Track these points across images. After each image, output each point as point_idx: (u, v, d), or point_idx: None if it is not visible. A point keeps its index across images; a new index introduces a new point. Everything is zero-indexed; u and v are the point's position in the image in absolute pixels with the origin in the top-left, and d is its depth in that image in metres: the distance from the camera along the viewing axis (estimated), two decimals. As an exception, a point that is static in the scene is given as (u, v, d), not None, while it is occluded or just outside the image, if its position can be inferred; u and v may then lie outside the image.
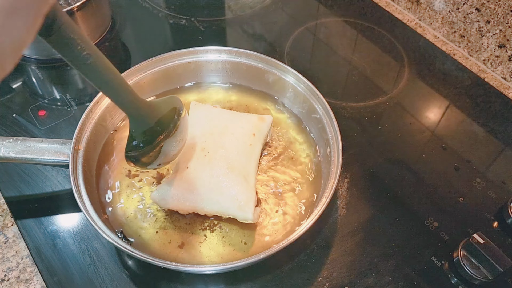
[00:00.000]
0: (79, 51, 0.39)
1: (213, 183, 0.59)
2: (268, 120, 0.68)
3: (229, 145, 0.63)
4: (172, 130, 0.53)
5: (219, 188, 0.59)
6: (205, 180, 0.59)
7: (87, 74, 0.43)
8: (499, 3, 0.82)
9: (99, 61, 0.43)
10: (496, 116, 0.80)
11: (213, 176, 0.60)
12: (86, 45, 0.40)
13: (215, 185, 0.59)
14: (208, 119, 0.67)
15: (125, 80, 0.48)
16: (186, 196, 0.59)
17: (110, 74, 0.45)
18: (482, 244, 0.57)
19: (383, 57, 0.91)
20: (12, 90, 0.82)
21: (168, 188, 0.60)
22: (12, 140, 0.61)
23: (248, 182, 0.60)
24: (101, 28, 0.91)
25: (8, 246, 0.62)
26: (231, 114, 0.69)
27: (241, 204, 0.58)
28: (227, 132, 0.64)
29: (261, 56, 0.74)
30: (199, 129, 0.65)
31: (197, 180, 0.60)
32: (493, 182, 0.70)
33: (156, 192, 0.60)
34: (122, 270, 0.59)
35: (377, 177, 0.70)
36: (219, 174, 0.60)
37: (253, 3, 1.03)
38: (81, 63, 0.41)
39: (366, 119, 0.79)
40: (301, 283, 0.58)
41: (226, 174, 0.60)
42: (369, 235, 0.63)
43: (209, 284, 0.59)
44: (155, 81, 0.75)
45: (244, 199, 0.58)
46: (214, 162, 0.61)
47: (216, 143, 0.63)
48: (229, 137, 0.64)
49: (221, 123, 0.66)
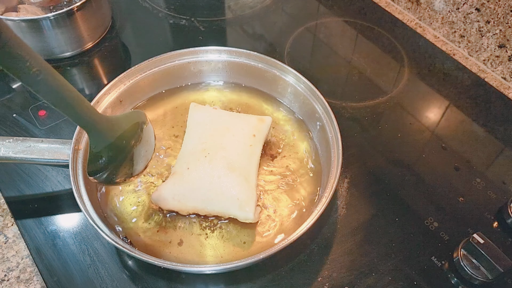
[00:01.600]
0: (28, 68, 0.38)
1: (214, 184, 0.59)
2: (267, 120, 0.68)
3: (229, 146, 0.63)
4: (135, 144, 0.53)
5: (220, 188, 0.59)
6: (206, 181, 0.59)
7: (38, 91, 0.41)
8: (499, 3, 0.82)
9: (51, 77, 0.41)
10: (496, 116, 0.80)
11: (213, 176, 0.60)
12: (36, 61, 0.38)
13: (216, 186, 0.59)
14: (208, 120, 0.67)
15: (81, 96, 0.46)
16: (186, 196, 0.59)
17: (64, 90, 0.43)
18: (482, 244, 0.57)
19: (383, 57, 0.91)
20: (12, 90, 0.82)
21: (169, 189, 0.60)
22: (12, 140, 0.61)
23: (248, 182, 0.60)
24: (101, 28, 0.91)
25: (8, 246, 0.62)
26: (230, 115, 0.69)
27: (242, 204, 0.58)
28: (228, 134, 0.64)
29: (261, 56, 0.74)
30: (199, 131, 0.65)
31: (197, 180, 0.60)
32: (493, 182, 0.70)
33: (157, 193, 0.60)
34: (122, 270, 0.59)
35: (377, 177, 0.70)
36: (220, 174, 0.60)
37: (253, 3, 1.03)
38: (31, 80, 0.39)
39: (366, 119, 0.79)
40: (301, 283, 0.58)
41: (226, 174, 0.60)
42: (369, 235, 0.63)
43: (209, 284, 0.59)
44: (155, 81, 0.75)
45: (244, 199, 0.58)
46: (214, 163, 0.61)
47: (217, 144, 0.63)
48: (229, 138, 0.64)
49: (221, 125, 0.66)
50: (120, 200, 0.63)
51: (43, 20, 0.79)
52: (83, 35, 0.86)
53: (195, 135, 0.65)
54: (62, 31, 0.82)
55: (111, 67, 0.89)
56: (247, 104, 0.76)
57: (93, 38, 0.90)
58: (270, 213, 0.63)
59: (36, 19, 0.79)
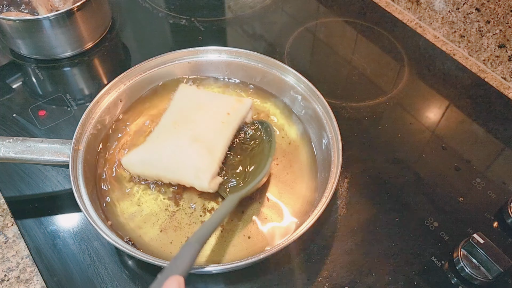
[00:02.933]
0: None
1: (176, 153, 0.62)
2: (246, 102, 0.69)
3: (200, 120, 0.66)
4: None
5: (181, 157, 0.61)
6: (170, 150, 0.62)
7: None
8: (499, 3, 0.82)
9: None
10: (496, 116, 0.80)
11: (177, 145, 0.62)
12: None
13: (178, 155, 0.62)
14: (190, 98, 0.70)
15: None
16: (152, 163, 0.62)
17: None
18: (482, 244, 0.57)
19: (383, 57, 0.91)
20: (12, 90, 0.82)
21: (137, 155, 0.63)
22: (12, 140, 0.61)
23: (211, 155, 0.62)
24: (101, 28, 0.91)
25: (8, 246, 0.62)
26: (213, 95, 0.72)
27: (198, 174, 0.60)
28: (202, 110, 0.67)
29: (261, 56, 0.74)
30: (179, 107, 0.68)
31: (163, 149, 0.63)
32: (493, 182, 0.70)
33: (126, 158, 0.64)
34: (122, 270, 0.59)
35: (377, 177, 0.70)
36: (183, 144, 0.62)
37: (253, 3, 1.03)
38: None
39: (366, 119, 0.79)
40: (301, 283, 0.58)
41: (189, 144, 0.62)
42: (369, 235, 0.63)
43: (209, 284, 0.59)
44: (155, 81, 0.75)
45: (202, 168, 0.60)
46: (181, 134, 0.64)
47: (187, 118, 0.66)
48: (202, 114, 0.66)
49: (200, 102, 0.69)
50: (120, 200, 0.63)
51: (43, 20, 0.79)
52: (83, 35, 0.86)
53: (174, 110, 0.68)
54: (62, 31, 0.82)
55: (111, 67, 0.89)
56: (247, 104, 0.76)
57: (93, 38, 0.90)
58: (270, 213, 0.63)
59: (36, 19, 0.79)
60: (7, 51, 0.89)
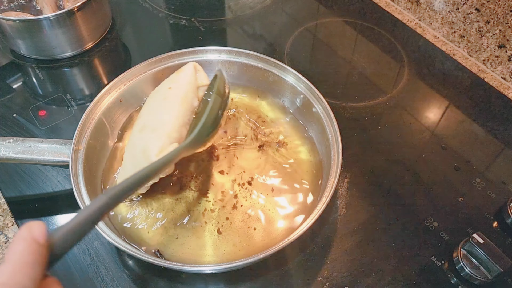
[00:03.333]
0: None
1: (131, 154, 0.61)
2: (186, 67, 0.66)
3: (147, 110, 0.64)
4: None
5: (134, 153, 0.60)
6: (127, 158, 0.62)
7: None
8: (499, 3, 0.82)
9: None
10: (496, 116, 0.80)
11: (132, 147, 0.61)
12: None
13: (131, 154, 0.61)
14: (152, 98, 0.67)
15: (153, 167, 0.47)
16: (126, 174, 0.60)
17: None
18: (482, 244, 0.57)
19: (383, 57, 0.91)
20: (12, 90, 0.82)
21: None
22: (13, 140, 0.61)
23: (156, 132, 0.58)
24: (101, 28, 0.92)
25: (8, 246, 0.62)
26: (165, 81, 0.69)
27: (146, 154, 0.56)
28: (152, 100, 0.66)
29: (261, 56, 0.74)
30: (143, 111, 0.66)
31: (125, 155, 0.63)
32: (493, 182, 0.70)
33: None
34: (122, 270, 0.59)
35: (377, 177, 0.70)
36: (135, 143, 0.61)
37: (253, 3, 1.03)
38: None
39: (366, 119, 0.79)
40: (301, 283, 0.58)
41: (139, 138, 0.60)
42: (369, 235, 0.63)
43: (209, 284, 0.59)
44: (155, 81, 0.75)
45: (149, 147, 0.56)
46: (135, 136, 0.61)
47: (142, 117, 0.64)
48: (149, 103, 0.66)
49: (155, 96, 0.67)
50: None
51: (43, 20, 0.79)
52: (83, 35, 0.86)
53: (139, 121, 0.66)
54: (62, 31, 0.82)
55: (111, 67, 0.89)
56: (247, 104, 0.76)
57: (93, 38, 0.90)
58: (270, 213, 0.63)
59: (36, 19, 0.79)
60: (7, 51, 0.89)
